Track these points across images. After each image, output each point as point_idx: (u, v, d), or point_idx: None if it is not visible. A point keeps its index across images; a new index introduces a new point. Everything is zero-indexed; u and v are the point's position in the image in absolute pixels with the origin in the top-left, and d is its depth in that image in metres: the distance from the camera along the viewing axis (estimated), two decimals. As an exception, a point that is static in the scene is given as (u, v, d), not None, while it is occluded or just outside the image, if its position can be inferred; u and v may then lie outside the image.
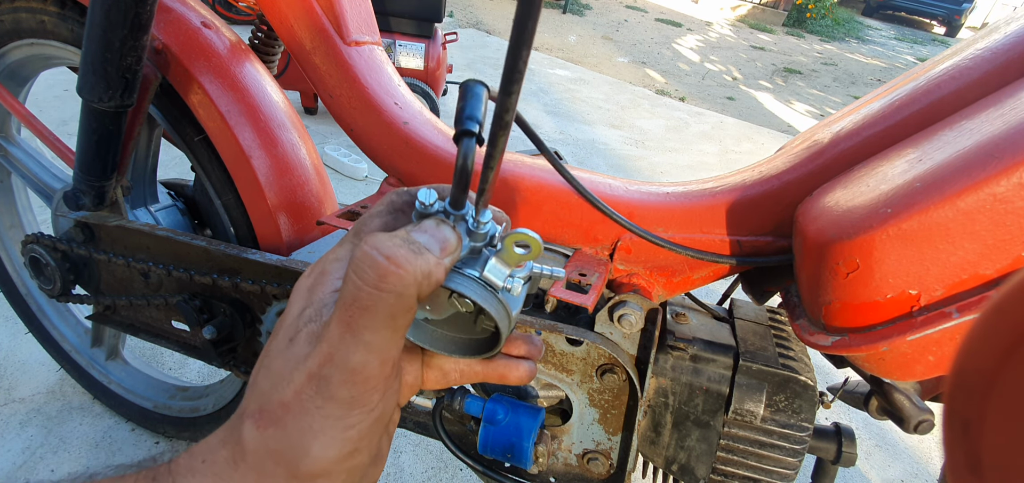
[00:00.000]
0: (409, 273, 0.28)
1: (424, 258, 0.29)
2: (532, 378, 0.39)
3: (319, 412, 0.29)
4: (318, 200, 0.81)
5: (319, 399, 0.29)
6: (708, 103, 4.57)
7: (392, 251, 0.28)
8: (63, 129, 2.13)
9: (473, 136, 0.32)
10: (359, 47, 0.72)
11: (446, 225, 0.31)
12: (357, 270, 0.28)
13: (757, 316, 0.67)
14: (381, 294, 0.28)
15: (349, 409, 0.30)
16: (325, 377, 0.29)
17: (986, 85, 0.48)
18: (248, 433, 0.30)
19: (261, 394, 0.31)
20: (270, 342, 0.32)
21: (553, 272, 0.35)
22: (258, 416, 0.30)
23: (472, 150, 0.31)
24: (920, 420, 0.54)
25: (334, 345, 0.29)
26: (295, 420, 0.29)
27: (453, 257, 0.31)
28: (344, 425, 0.30)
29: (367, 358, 0.29)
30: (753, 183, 0.61)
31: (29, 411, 1.15)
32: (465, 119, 0.33)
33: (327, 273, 0.33)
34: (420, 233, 0.30)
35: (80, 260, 0.83)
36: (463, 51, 4.48)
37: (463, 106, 0.34)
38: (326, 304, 0.31)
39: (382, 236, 0.29)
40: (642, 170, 2.99)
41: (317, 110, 2.79)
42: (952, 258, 0.41)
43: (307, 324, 0.31)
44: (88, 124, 0.74)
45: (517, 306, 0.33)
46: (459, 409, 0.62)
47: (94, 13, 0.65)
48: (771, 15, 10.66)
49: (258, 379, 0.31)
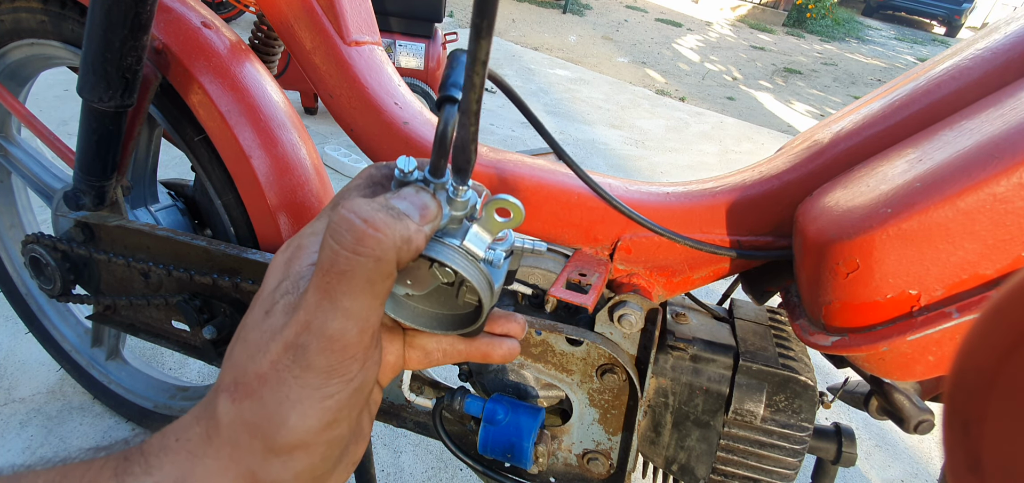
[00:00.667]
0: (388, 236, 0.27)
1: (403, 223, 0.28)
2: (515, 356, 0.38)
3: (296, 381, 0.29)
4: (318, 200, 0.81)
5: (296, 368, 0.28)
6: (708, 103, 4.57)
7: (370, 215, 0.27)
8: (63, 129, 2.13)
9: (455, 102, 0.31)
10: (359, 47, 0.72)
11: (425, 192, 0.31)
12: (334, 234, 0.27)
13: (757, 316, 0.67)
14: (359, 258, 0.27)
15: (327, 378, 0.29)
16: (302, 345, 0.28)
17: (986, 85, 0.48)
18: (223, 406, 0.29)
19: (236, 366, 0.30)
20: (246, 316, 0.31)
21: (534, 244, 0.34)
22: (233, 389, 0.29)
23: (453, 117, 0.31)
24: (920, 420, 0.54)
25: (311, 312, 0.28)
26: (272, 391, 0.29)
27: (433, 224, 0.30)
28: (322, 394, 0.29)
29: (345, 325, 0.28)
30: (753, 183, 0.61)
31: (29, 411, 1.15)
32: (449, 86, 0.33)
33: (304, 247, 0.32)
34: (399, 200, 0.30)
35: (80, 260, 0.83)
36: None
37: (448, 74, 0.34)
38: (303, 276, 0.31)
39: (360, 200, 0.28)
40: (642, 170, 2.99)
41: (317, 110, 2.79)
42: (952, 258, 0.41)
43: (284, 296, 0.30)
44: (88, 124, 0.74)
45: (499, 278, 0.33)
46: (459, 409, 0.62)
47: (94, 13, 0.65)
48: (771, 15, 10.67)
49: (234, 352, 0.31)
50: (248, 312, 0.32)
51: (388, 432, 1.22)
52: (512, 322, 0.38)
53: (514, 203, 0.30)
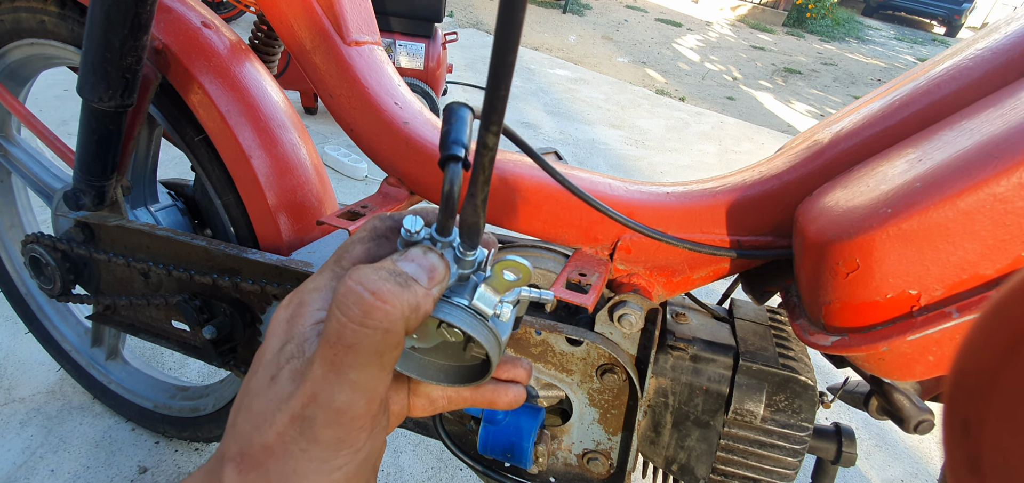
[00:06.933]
0: (396, 308, 0.27)
1: (411, 291, 0.28)
2: (521, 403, 0.38)
3: (303, 455, 0.28)
4: (318, 200, 0.81)
5: (303, 441, 0.28)
6: (708, 103, 4.57)
7: (377, 286, 0.27)
8: (63, 129, 2.13)
9: (459, 161, 0.31)
10: (359, 47, 0.72)
11: (433, 253, 0.30)
12: (341, 306, 0.27)
13: (757, 316, 0.67)
14: (367, 331, 0.27)
15: (335, 451, 0.28)
16: (309, 418, 0.28)
17: (986, 85, 0.48)
18: (229, 478, 0.28)
19: (242, 436, 0.29)
20: (249, 379, 0.31)
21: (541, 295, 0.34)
22: (239, 460, 0.29)
23: (459, 176, 0.30)
24: (920, 420, 0.54)
25: (318, 385, 0.28)
26: (278, 464, 0.28)
27: (441, 286, 0.30)
28: (330, 468, 0.28)
29: (353, 397, 0.28)
30: (753, 183, 0.61)
31: (29, 411, 1.15)
32: (450, 144, 0.31)
33: (306, 304, 0.31)
34: (406, 263, 0.29)
35: (80, 260, 0.83)
36: (463, 51, 4.48)
37: (448, 130, 0.32)
38: (307, 338, 0.30)
39: (366, 269, 0.28)
40: (642, 170, 2.99)
41: (317, 110, 2.79)
42: (952, 258, 0.41)
43: (289, 361, 0.29)
44: (88, 124, 0.74)
45: (506, 332, 0.32)
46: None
47: (94, 13, 0.65)
48: (771, 15, 10.66)
49: (238, 420, 0.30)
50: (251, 375, 0.31)
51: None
52: (518, 368, 0.38)
53: (523, 264, 0.30)
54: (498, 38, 0.24)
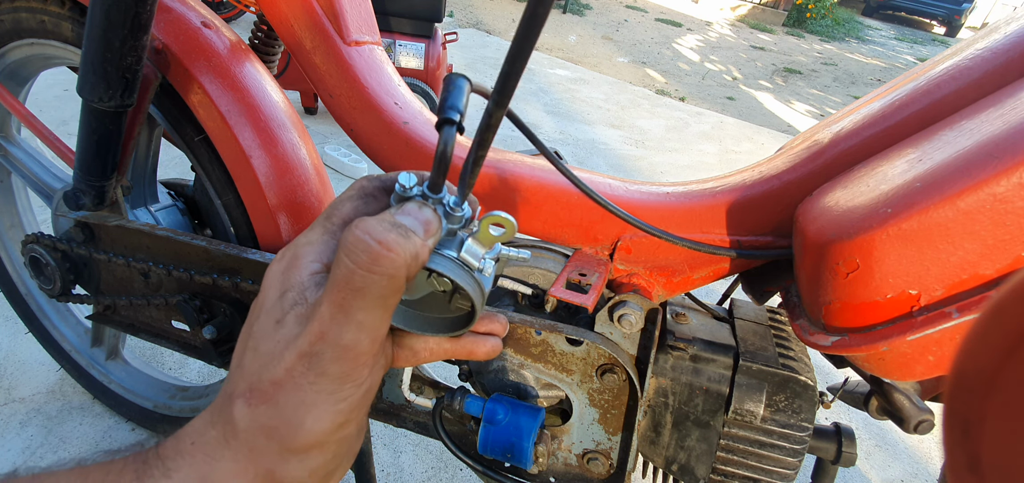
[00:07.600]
0: (400, 255, 0.30)
1: (412, 241, 0.30)
2: (498, 353, 0.41)
3: (312, 387, 0.31)
4: (318, 200, 0.81)
5: (312, 375, 0.30)
6: (708, 103, 4.57)
7: (383, 235, 0.29)
8: (63, 129, 2.13)
9: (454, 125, 0.34)
10: (359, 47, 0.72)
11: (427, 207, 0.33)
12: (350, 253, 0.29)
13: (757, 316, 0.67)
14: (373, 276, 0.29)
15: (341, 384, 0.31)
16: (317, 354, 0.30)
17: (986, 85, 0.48)
18: (239, 411, 0.31)
19: (250, 374, 0.32)
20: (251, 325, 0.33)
21: (519, 254, 0.38)
22: (248, 395, 0.31)
23: (452, 138, 0.33)
24: (920, 420, 0.54)
25: (326, 324, 0.30)
26: (288, 396, 0.31)
27: (435, 239, 0.33)
28: (336, 398, 0.31)
29: (359, 336, 0.30)
30: (753, 183, 0.61)
31: (29, 411, 1.15)
32: (447, 108, 0.35)
33: (300, 257, 0.34)
34: (404, 216, 0.32)
35: (80, 260, 0.83)
36: (463, 51, 4.48)
37: (446, 97, 0.36)
38: (307, 287, 0.32)
39: (371, 220, 0.30)
40: (642, 170, 2.99)
41: (317, 110, 2.79)
42: (952, 258, 0.41)
43: (293, 306, 0.32)
44: (88, 124, 0.74)
45: (488, 285, 0.35)
46: (459, 409, 0.62)
47: (94, 13, 0.65)
48: (771, 15, 10.66)
49: (244, 361, 0.32)
50: (253, 321, 0.33)
51: (388, 432, 1.22)
52: (495, 321, 0.41)
53: (508, 218, 0.33)
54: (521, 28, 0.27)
